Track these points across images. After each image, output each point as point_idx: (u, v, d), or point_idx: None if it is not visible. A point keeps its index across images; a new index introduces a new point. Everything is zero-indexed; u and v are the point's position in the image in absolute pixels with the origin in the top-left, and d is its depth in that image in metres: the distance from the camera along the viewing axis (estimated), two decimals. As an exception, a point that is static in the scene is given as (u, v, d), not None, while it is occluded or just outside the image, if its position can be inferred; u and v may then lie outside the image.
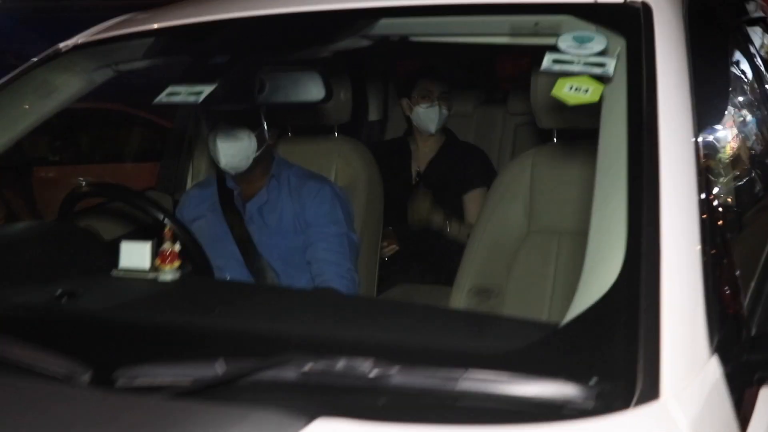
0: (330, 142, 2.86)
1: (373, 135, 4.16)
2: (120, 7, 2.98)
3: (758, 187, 1.73)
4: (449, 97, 3.54)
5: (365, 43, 1.85)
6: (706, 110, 1.44)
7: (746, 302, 1.40)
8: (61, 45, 2.23)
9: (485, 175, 3.41)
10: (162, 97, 1.70)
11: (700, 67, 1.48)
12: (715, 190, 1.37)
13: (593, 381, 1.02)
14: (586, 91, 1.44)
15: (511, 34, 1.69)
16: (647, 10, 1.55)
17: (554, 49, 1.53)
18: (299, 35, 1.80)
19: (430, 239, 3.31)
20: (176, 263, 1.54)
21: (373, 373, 1.01)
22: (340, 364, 1.01)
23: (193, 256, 2.05)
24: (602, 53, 1.50)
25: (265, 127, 2.55)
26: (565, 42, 1.54)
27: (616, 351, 1.06)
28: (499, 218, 2.51)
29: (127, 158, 6.38)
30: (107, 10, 2.77)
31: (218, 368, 1.02)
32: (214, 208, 2.63)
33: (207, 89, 1.71)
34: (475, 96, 4.12)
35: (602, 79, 1.47)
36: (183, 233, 2.03)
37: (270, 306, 1.42)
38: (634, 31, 1.52)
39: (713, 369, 1.11)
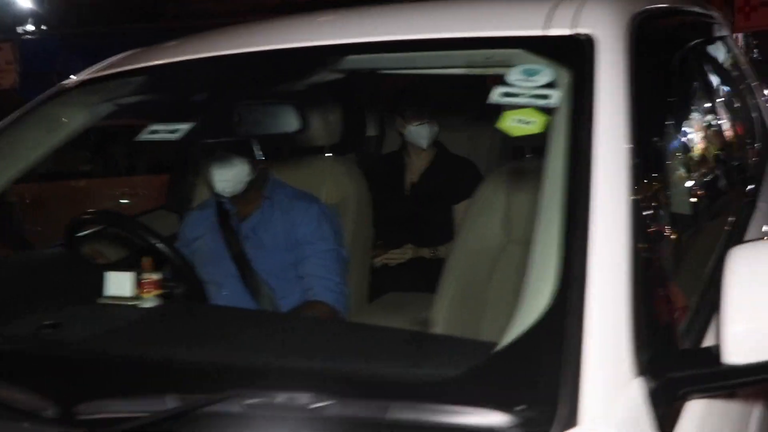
0: (321, 162, 2.86)
1: (371, 149, 4.15)
2: (152, 30, 3.00)
3: (700, 208, 1.71)
4: (439, 114, 3.54)
5: (336, 77, 1.85)
6: (644, 139, 1.42)
7: (685, 320, 1.39)
8: (66, 82, 2.25)
9: (475, 186, 3.40)
10: (144, 135, 1.71)
11: (641, 97, 1.46)
12: (650, 214, 1.35)
13: (519, 408, 1.01)
14: (530, 123, 1.44)
15: (468, 66, 1.68)
16: (592, 42, 1.54)
17: (503, 82, 1.52)
18: (277, 71, 1.81)
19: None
20: (155, 291, 1.55)
21: (312, 404, 1.01)
22: (281, 397, 1.01)
23: (186, 277, 2.06)
24: (548, 85, 1.49)
25: (258, 152, 2.56)
26: (513, 75, 1.53)
27: (541, 378, 1.05)
28: (480, 229, 2.50)
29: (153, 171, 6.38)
30: (138, 34, 2.78)
31: (167, 403, 1.02)
32: (212, 228, 2.64)
33: (189, 126, 1.72)
34: (465, 110, 4.10)
35: (547, 110, 1.47)
36: (176, 256, 2.04)
37: (226, 333, 1.42)
38: (579, 63, 1.50)
39: (637, 390, 1.10)
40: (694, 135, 1.78)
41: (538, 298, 1.16)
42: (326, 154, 2.90)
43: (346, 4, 2.10)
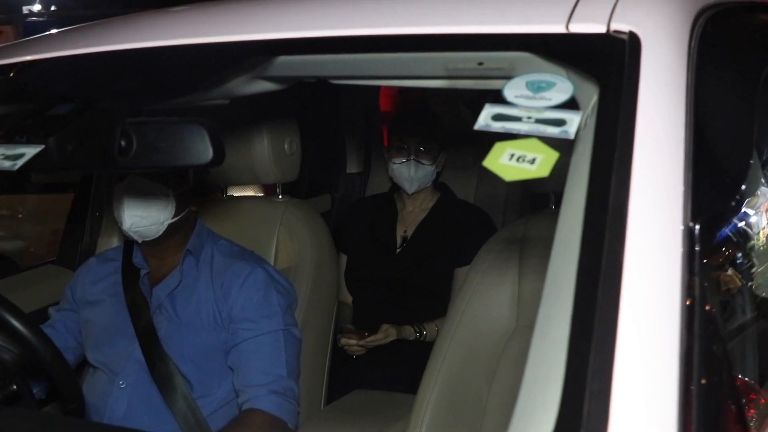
0: (272, 206, 2.57)
1: (352, 190, 3.88)
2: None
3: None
4: (438, 149, 3.24)
5: (265, 87, 1.59)
6: (709, 193, 1.13)
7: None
8: None
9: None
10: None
11: (705, 129, 1.18)
12: (713, 311, 1.05)
13: None
14: (533, 161, 1.14)
15: (449, 77, 1.39)
16: (635, 43, 1.25)
17: (498, 99, 1.23)
18: (169, 75, 1.53)
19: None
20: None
21: None
22: None
23: (52, 368, 1.76)
24: (565, 105, 1.20)
25: (186, 185, 2.27)
26: (514, 89, 1.25)
27: None
28: (479, 308, 2.21)
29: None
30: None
31: None
32: (114, 291, 2.33)
33: (35, 149, 1.43)
34: (478, 144, 3.81)
35: (561, 143, 1.17)
36: (33, 335, 1.74)
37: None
38: (614, 75, 1.22)
39: None
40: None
41: (537, 413, 0.93)
42: (278, 196, 2.59)
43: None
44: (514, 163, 1.15)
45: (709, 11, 1.42)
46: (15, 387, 1.72)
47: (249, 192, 3.52)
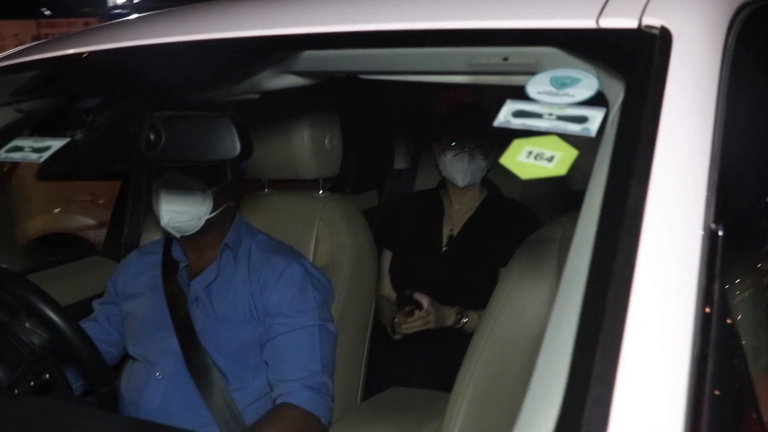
0: (312, 201, 2.55)
1: (400, 186, 3.85)
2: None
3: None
4: (490, 145, 3.20)
5: (292, 81, 1.57)
6: (736, 195, 1.08)
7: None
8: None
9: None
10: (2, 154, 1.43)
11: (736, 129, 1.12)
12: (737, 318, 1.00)
13: None
14: (551, 159, 1.10)
15: (473, 72, 1.36)
16: (666, 38, 1.20)
17: (521, 95, 1.20)
18: (196, 70, 1.52)
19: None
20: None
21: None
22: None
23: (86, 360, 1.76)
24: (588, 102, 1.16)
25: (229, 178, 2.28)
26: (537, 86, 1.22)
27: None
28: (516, 307, 2.15)
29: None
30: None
31: None
32: (154, 284, 2.34)
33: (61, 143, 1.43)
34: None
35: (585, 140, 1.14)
36: (68, 326, 1.75)
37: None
38: (641, 71, 1.17)
39: None
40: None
41: (539, 416, 0.93)
42: (319, 192, 2.58)
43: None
44: (532, 160, 1.11)
45: (751, 6, 1.37)
46: (48, 376, 1.73)
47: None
